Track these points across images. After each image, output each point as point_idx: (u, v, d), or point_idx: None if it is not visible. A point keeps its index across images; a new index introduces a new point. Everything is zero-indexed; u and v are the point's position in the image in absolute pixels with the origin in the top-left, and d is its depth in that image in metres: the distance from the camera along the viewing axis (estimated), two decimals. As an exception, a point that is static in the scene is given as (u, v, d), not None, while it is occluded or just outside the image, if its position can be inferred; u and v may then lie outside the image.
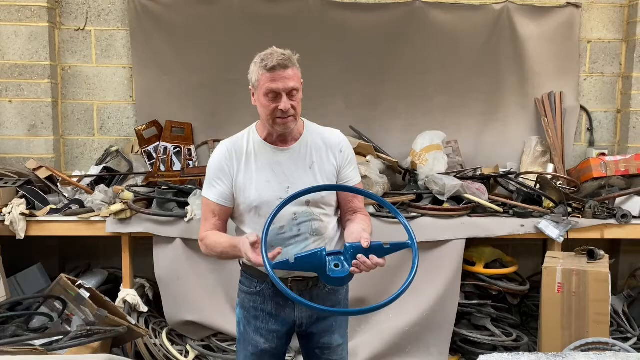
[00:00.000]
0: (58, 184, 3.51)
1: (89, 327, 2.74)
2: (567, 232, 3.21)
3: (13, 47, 3.68)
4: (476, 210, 3.39)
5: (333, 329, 2.06)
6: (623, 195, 3.44)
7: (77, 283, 2.92)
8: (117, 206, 3.15)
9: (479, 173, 3.71)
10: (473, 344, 3.31)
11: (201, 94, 3.89)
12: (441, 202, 3.38)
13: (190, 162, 3.86)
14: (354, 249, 1.69)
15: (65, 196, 3.45)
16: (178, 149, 3.85)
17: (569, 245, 3.22)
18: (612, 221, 3.31)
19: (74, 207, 3.33)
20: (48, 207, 3.30)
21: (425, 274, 3.17)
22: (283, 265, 1.68)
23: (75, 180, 3.57)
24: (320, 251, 1.70)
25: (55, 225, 3.23)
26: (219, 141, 2.06)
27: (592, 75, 4.04)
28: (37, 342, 2.58)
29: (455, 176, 3.53)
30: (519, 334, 3.40)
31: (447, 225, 3.27)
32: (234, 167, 1.94)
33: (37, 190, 3.41)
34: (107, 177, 3.71)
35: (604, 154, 3.87)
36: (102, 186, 3.44)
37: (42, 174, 3.49)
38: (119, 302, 3.21)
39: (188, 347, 3.27)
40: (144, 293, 3.45)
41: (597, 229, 3.31)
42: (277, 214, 1.74)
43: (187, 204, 3.23)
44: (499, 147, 3.97)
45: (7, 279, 3.23)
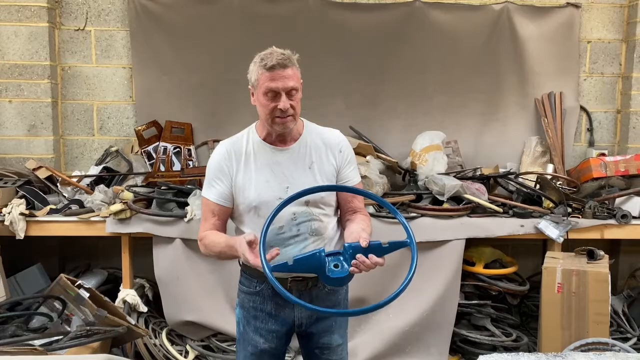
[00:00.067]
0: (58, 184, 3.51)
1: (88, 327, 2.74)
2: (567, 232, 3.21)
3: (13, 47, 3.68)
4: (476, 210, 3.38)
5: (333, 329, 2.06)
6: (623, 195, 3.44)
7: (77, 283, 2.92)
8: (117, 206, 3.15)
9: (478, 173, 3.71)
10: (473, 344, 3.31)
11: (201, 94, 3.88)
12: (441, 203, 3.38)
13: (190, 162, 3.86)
14: (353, 249, 1.68)
15: (65, 196, 3.45)
16: (178, 149, 3.85)
17: (569, 246, 3.22)
18: (612, 221, 3.31)
19: (74, 207, 3.33)
20: (48, 207, 3.30)
21: (425, 274, 3.18)
22: (282, 268, 1.67)
23: (75, 180, 3.57)
24: (319, 252, 1.69)
25: (55, 226, 3.23)
26: (219, 141, 2.06)
27: (592, 75, 4.04)
28: (37, 342, 2.58)
29: (455, 176, 3.53)
30: (519, 334, 3.40)
31: (446, 225, 3.27)
32: (233, 167, 1.94)
33: (36, 190, 3.41)
34: (107, 177, 3.71)
35: (603, 154, 3.86)
36: (101, 186, 3.44)
37: (42, 174, 3.49)
38: (118, 302, 3.21)
39: (188, 347, 3.27)
40: (144, 293, 3.45)
41: (597, 229, 3.31)
42: (275, 215, 1.74)
43: (186, 204, 3.23)
44: (498, 147, 3.97)
45: (6, 279, 3.23)
